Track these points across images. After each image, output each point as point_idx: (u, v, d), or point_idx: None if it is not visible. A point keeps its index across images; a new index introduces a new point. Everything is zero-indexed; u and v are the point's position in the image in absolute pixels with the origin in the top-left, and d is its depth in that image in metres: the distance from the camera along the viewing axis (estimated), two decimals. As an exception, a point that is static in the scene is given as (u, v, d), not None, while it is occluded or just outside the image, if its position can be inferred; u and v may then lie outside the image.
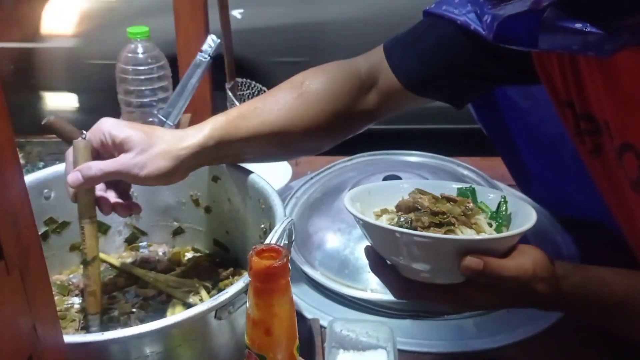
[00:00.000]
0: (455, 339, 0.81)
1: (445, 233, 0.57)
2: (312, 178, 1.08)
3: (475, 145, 1.23)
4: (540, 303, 0.59)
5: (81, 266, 0.85)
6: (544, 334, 0.81)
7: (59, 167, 0.82)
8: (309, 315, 0.85)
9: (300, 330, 0.82)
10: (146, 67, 0.99)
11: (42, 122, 0.87)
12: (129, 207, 0.76)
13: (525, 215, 0.60)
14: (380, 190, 0.66)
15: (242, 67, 1.36)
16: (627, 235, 0.70)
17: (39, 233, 0.80)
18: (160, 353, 0.59)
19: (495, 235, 0.56)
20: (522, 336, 0.81)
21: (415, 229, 0.57)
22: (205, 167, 0.83)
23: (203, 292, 0.79)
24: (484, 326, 0.83)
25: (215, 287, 0.81)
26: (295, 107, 0.76)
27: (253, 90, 1.21)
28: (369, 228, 0.59)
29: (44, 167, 0.99)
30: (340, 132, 0.81)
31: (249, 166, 0.82)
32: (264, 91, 1.20)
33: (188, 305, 0.77)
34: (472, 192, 0.65)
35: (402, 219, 0.58)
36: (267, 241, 0.63)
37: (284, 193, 1.07)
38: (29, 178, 0.78)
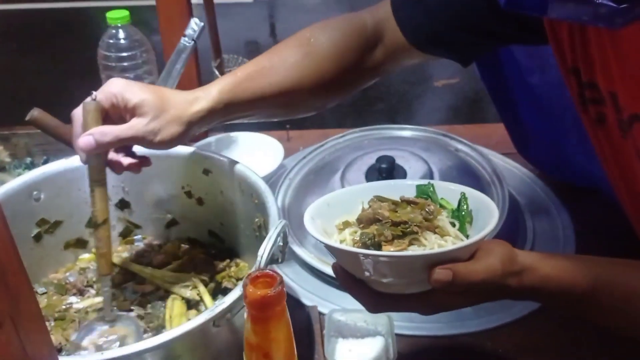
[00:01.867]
0: (452, 321, 0.82)
1: (409, 243, 0.56)
2: (304, 157, 1.06)
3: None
4: (511, 296, 0.59)
5: (77, 263, 0.86)
6: (539, 312, 0.82)
7: (47, 168, 0.81)
8: (306, 302, 0.86)
9: (298, 318, 0.83)
10: (129, 53, 0.96)
11: (26, 118, 0.85)
12: (140, 164, 0.75)
13: (487, 211, 0.59)
14: (338, 200, 0.65)
15: None
16: (627, 204, 0.70)
17: (32, 235, 0.80)
18: (162, 363, 0.59)
19: (460, 244, 0.55)
20: (518, 315, 0.82)
21: (379, 244, 0.56)
22: (196, 160, 0.82)
23: (200, 287, 0.79)
24: (480, 307, 0.83)
25: (213, 280, 0.81)
26: (303, 66, 0.75)
27: (240, 65, 1.18)
28: (333, 250, 0.58)
29: (31, 162, 0.97)
30: (347, 89, 0.81)
31: (240, 159, 0.81)
32: (252, 65, 1.18)
33: (186, 300, 0.78)
34: (432, 188, 0.64)
35: (364, 237, 0.57)
36: (262, 247, 0.62)
37: (278, 172, 1.06)
38: (18, 181, 0.77)
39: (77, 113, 0.70)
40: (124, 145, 0.71)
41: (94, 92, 0.70)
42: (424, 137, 1.08)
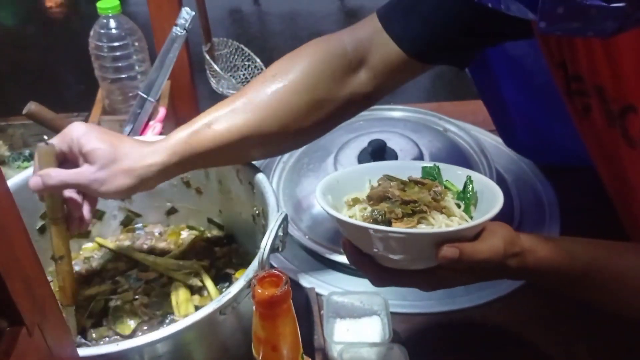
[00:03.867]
0: (444, 298, 0.86)
1: (418, 221, 0.59)
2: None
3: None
4: (510, 276, 0.63)
5: (80, 252, 0.88)
6: (526, 289, 0.87)
7: (48, 162, 0.82)
8: (304, 284, 0.89)
9: (297, 300, 0.86)
10: (121, 43, 0.97)
11: (23, 111, 0.87)
12: (85, 222, 0.73)
13: (491, 194, 0.62)
14: (348, 177, 0.67)
15: None
16: (611, 188, 0.73)
17: (36, 228, 0.82)
18: (173, 352, 0.63)
19: (468, 224, 0.58)
20: (505, 291, 0.86)
21: (389, 221, 0.59)
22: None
23: (203, 274, 0.82)
24: (471, 285, 0.88)
25: (213, 266, 0.84)
26: (268, 105, 0.71)
27: (230, 49, 1.19)
28: (344, 225, 0.60)
29: (30, 154, 0.99)
30: (328, 122, 0.77)
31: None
32: (242, 49, 1.19)
33: (190, 287, 0.81)
34: (437, 170, 0.66)
35: (375, 212, 0.60)
36: (263, 240, 0.66)
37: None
38: (21, 176, 0.79)
39: (36, 154, 0.70)
40: (72, 188, 0.71)
41: (48, 139, 0.71)
42: (414, 117, 1.11)
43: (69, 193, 0.72)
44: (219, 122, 0.71)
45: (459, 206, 0.63)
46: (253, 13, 3.57)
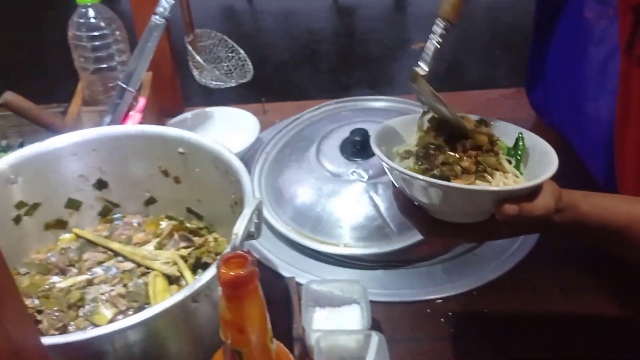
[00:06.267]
0: (426, 286, 0.86)
1: (475, 178, 0.60)
2: (280, 131, 1.08)
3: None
4: (553, 229, 0.64)
5: (58, 243, 0.87)
6: (507, 276, 0.86)
7: (23, 152, 0.81)
8: (285, 274, 0.88)
9: (277, 289, 0.86)
10: (100, 32, 0.96)
11: (-1, 101, 0.86)
12: None
13: (542, 152, 0.63)
14: (400, 126, 0.67)
15: None
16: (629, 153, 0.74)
17: (11, 218, 0.81)
18: (144, 340, 0.62)
19: (529, 184, 0.58)
20: (487, 279, 0.86)
21: (448, 178, 0.59)
22: (171, 140, 0.83)
23: (180, 262, 0.81)
24: (452, 271, 0.88)
25: (192, 255, 0.83)
26: None
27: (214, 40, 1.18)
28: (401, 177, 0.59)
29: (7, 145, 0.98)
30: None
31: (216, 134, 0.82)
32: (225, 40, 1.18)
33: (167, 276, 0.80)
34: (483, 122, 0.66)
35: (434, 172, 0.60)
36: (236, 225, 0.65)
37: (254, 146, 1.08)
38: (-8, 167, 0.78)
39: None
40: None
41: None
42: (397, 107, 1.10)
43: None
44: None
45: (509, 162, 0.63)
46: (246, 11, 3.57)
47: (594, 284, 0.85)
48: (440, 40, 0.67)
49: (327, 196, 0.93)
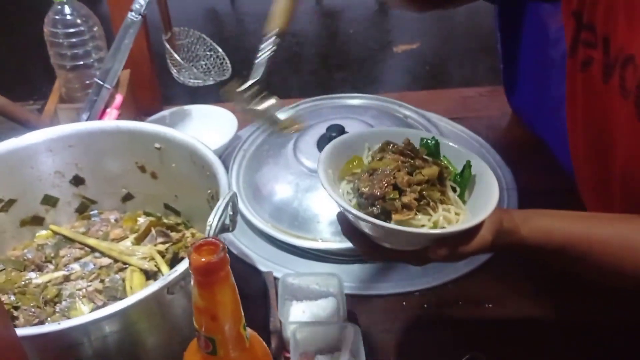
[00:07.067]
0: (402, 280, 0.87)
1: (418, 211, 0.60)
2: (258, 128, 1.08)
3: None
4: (496, 252, 0.67)
5: (34, 240, 0.87)
6: (481, 269, 0.88)
7: (-4, 147, 0.81)
8: (262, 269, 0.89)
9: (254, 284, 0.87)
10: (76, 29, 0.96)
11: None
12: None
13: (487, 182, 0.63)
14: (349, 143, 0.67)
15: None
16: (587, 155, 0.76)
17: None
18: (120, 331, 0.62)
19: (462, 227, 0.59)
20: (463, 271, 0.87)
21: (389, 212, 0.59)
22: (147, 135, 0.84)
23: (158, 258, 0.81)
24: (428, 265, 0.88)
25: (169, 250, 0.84)
26: None
27: (192, 38, 1.18)
28: (344, 210, 0.60)
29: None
30: None
31: (194, 131, 0.83)
32: (203, 38, 1.18)
33: (145, 272, 0.80)
34: (436, 144, 0.65)
35: (374, 208, 0.60)
36: (210, 217, 0.65)
37: (233, 144, 1.08)
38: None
39: None
40: None
41: None
42: (375, 105, 1.11)
43: None
44: None
45: (454, 190, 0.63)
46: (228, 13, 3.56)
47: (566, 276, 0.86)
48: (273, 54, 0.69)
49: (305, 192, 0.94)
